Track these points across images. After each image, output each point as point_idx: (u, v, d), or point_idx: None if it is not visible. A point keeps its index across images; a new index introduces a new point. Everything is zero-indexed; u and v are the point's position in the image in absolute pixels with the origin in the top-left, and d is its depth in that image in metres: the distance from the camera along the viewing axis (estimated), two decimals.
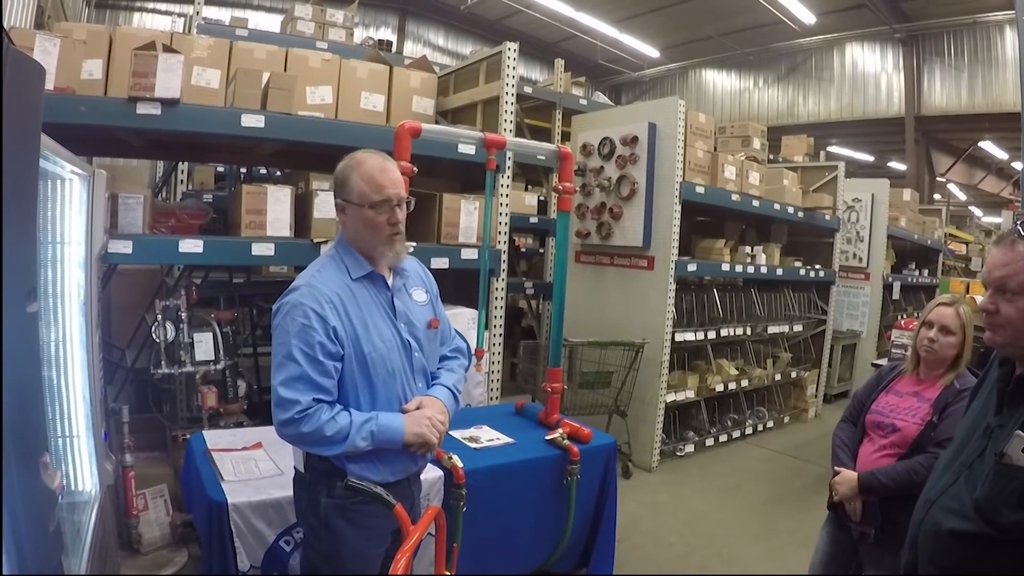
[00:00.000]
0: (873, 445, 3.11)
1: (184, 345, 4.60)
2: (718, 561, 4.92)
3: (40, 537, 1.88)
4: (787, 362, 8.67)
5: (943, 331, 3.01)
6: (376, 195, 2.44)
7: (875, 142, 21.79)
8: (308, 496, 2.52)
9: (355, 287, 2.49)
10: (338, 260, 2.52)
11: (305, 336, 2.32)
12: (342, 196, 2.51)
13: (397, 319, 2.57)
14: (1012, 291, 1.84)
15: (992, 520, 1.77)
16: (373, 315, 2.50)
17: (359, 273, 2.51)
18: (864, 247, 10.37)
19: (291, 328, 2.33)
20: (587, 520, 4.15)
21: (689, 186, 6.52)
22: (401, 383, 2.55)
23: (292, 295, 2.40)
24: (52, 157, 2.59)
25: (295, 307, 2.35)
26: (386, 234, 2.49)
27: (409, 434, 2.44)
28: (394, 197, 2.47)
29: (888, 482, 2.91)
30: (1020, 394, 1.86)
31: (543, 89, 9.05)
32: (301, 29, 8.77)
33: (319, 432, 2.29)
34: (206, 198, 6.96)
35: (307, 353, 2.31)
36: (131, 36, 4.51)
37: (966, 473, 1.92)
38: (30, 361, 1.96)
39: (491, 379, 5.31)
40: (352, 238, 2.54)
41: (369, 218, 2.46)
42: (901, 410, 3.06)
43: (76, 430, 3.21)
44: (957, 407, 2.84)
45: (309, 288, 2.40)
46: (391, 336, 2.53)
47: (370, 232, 2.49)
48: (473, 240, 5.16)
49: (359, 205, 2.45)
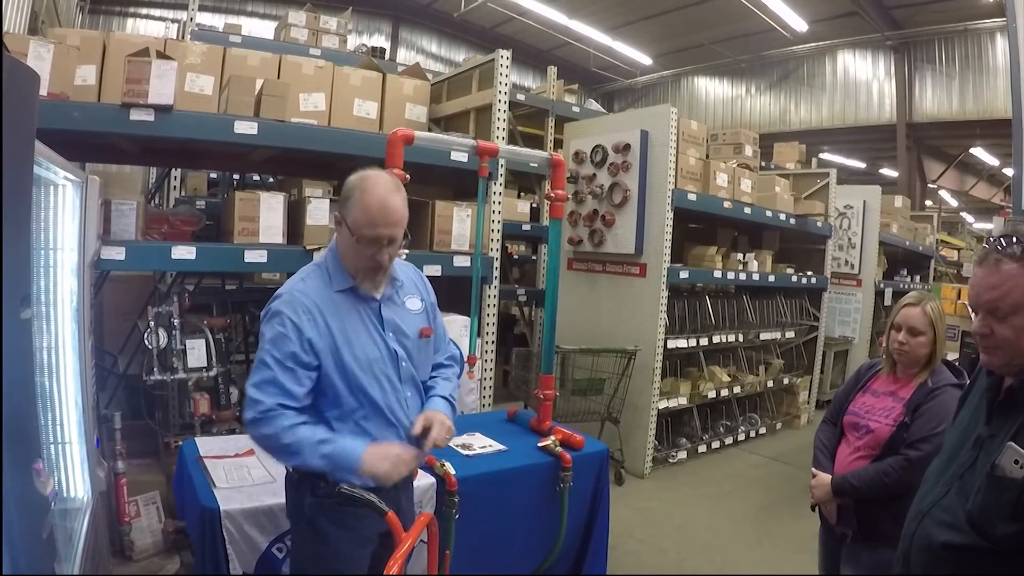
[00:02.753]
0: (849, 447, 3.13)
1: (177, 352, 4.60)
2: (711, 567, 4.92)
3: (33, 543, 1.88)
4: (779, 368, 8.69)
5: (911, 332, 3.01)
6: (367, 231, 2.37)
7: (867, 149, 21.90)
8: (295, 495, 2.56)
9: (337, 298, 2.48)
10: (323, 270, 2.53)
11: (280, 344, 2.36)
12: (341, 211, 2.46)
13: (385, 329, 2.55)
14: (1005, 312, 1.80)
15: (985, 532, 1.77)
16: (355, 326, 2.49)
17: (340, 286, 2.50)
18: (856, 254, 10.40)
19: (268, 334, 2.39)
20: (580, 527, 4.14)
21: (681, 193, 6.54)
22: (389, 392, 2.54)
23: (274, 302, 2.44)
24: (45, 163, 2.60)
25: (275, 315, 2.40)
26: (368, 267, 2.46)
27: (367, 466, 2.36)
28: (385, 238, 2.40)
29: (860, 485, 2.94)
30: (1010, 404, 1.85)
31: (536, 96, 9.07)
32: (295, 36, 8.78)
33: (276, 438, 2.31)
34: (199, 205, 6.95)
35: (278, 360, 2.34)
36: (125, 42, 4.50)
37: (957, 484, 1.91)
38: (23, 367, 1.96)
39: (484, 386, 5.31)
40: (341, 252, 2.53)
41: (355, 247, 2.42)
42: (876, 411, 3.07)
43: (69, 436, 3.21)
44: (929, 406, 2.87)
45: (290, 297, 2.42)
46: (374, 346, 2.51)
47: (353, 258, 2.47)
48: (466, 247, 5.17)
49: (351, 230, 2.40)
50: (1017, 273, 1.77)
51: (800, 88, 20.92)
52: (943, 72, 17.55)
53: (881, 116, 19.10)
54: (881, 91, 18.99)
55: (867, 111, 19.41)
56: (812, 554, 3.47)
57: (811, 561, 3.52)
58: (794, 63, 20.90)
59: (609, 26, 19.79)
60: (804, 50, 20.10)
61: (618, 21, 19.66)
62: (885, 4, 17.01)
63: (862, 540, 2.99)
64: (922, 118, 18.27)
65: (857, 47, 19.26)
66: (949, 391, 2.87)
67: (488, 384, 5.37)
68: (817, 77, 20.44)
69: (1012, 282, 1.78)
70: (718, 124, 21.38)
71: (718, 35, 19.92)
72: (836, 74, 20.00)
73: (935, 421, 2.80)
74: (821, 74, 20.34)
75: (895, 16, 17.44)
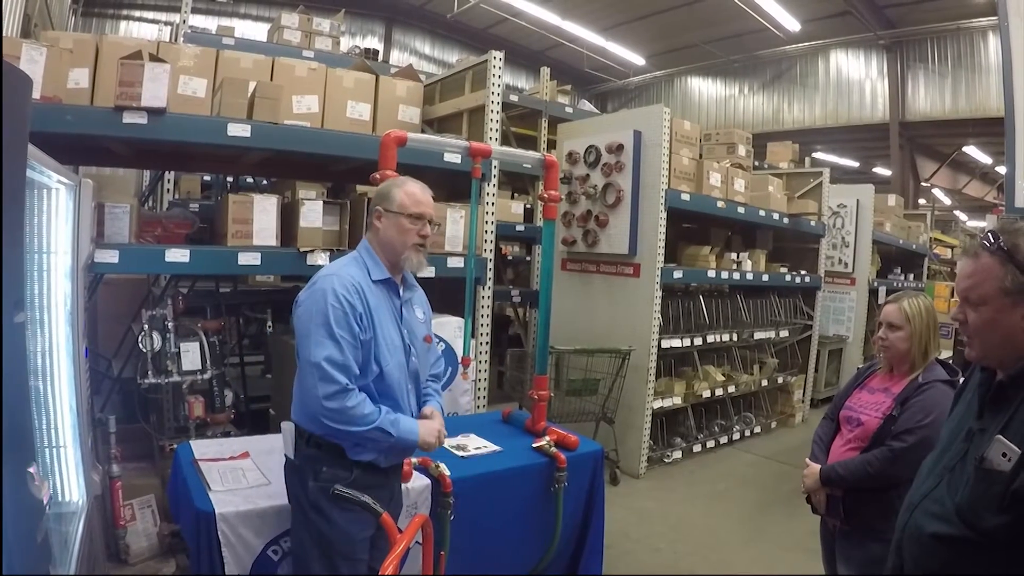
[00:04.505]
0: (842, 439, 3.20)
1: (171, 355, 4.59)
2: (706, 566, 4.93)
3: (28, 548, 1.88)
4: (774, 367, 8.71)
5: (890, 327, 3.13)
6: (415, 208, 2.83)
7: (860, 148, 21.95)
8: (298, 480, 2.77)
9: (373, 287, 2.78)
10: (360, 262, 2.84)
11: (341, 319, 2.61)
12: (383, 205, 2.86)
13: (403, 325, 2.88)
14: (974, 302, 1.88)
15: (973, 524, 1.79)
16: (385, 314, 2.80)
17: (378, 276, 2.82)
18: (849, 252, 10.43)
19: (326, 311, 2.61)
20: (575, 527, 4.15)
21: (674, 193, 6.56)
22: (402, 379, 2.84)
23: (322, 282, 2.69)
24: (38, 167, 2.59)
25: (328, 292, 2.63)
26: (414, 242, 2.84)
27: (422, 439, 2.80)
28: (428, 215, 2.87)
29: (845, 474, 3.01)
30: (1001, 399, 1.88)
31: (529, 97, 9.07)
32: (288, 38, 8.76)
33: (359, 408, 2.60)
34: (192, 207, 6.93)
35: (343, 336, 2.61)
36: (118, 45, 4.50)
37: (948, 477, 1.94)
38: (17, 371, 1.96)
39: (478, 387, 5.31)
40: (381, 243, 2.86)
41: (404, 226, 2.81)
42: (869, 405, 3.15)
43: (63, 440, 3.21)
44: (917, 399, 2.94)
45: (338, 277, 2.69)
46: (398, 336, 2.84)
47: (401, 237, 2.82)
48: (459, 248, 5.16)
49: (398, 213, 2.82)
50: (990, 266, 1.84)
51: (793, 88, 20.95)
52: (936, 71, 17.59)
53: (874, 115, 19.14)
54: (874, 90, 19.03)
55: (860, 110, 19.44)
56: (806, 552, 3.51)
57: (806, 559, 3.55)
58: (787, 63, 20.92)
59: (602, 27, 19.80)
60: (797, 50, 20.10)
61: (611, 22, 19.67)
62: (878, 3, 17.05)
63: (850, 532, 3.05)
64: (915, 117, 18.31)
65: (850, 46, 19.28)
66: (938, 387, 2.94)
67: (483, 385, 5.37)
68: (810, 76, 20.47)
69: (984, 273, 1.85)
70: (711, 124, 21.39)
71: (711, 35, 19.92)
72: (829, 73, 20.03)
73: (921, 414, 2.87)
74: (814, 73, 20.37)
75: (888, 15, 17.48)
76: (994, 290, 1.83)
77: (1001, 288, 1.81)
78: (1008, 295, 1.81)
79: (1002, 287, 1.81)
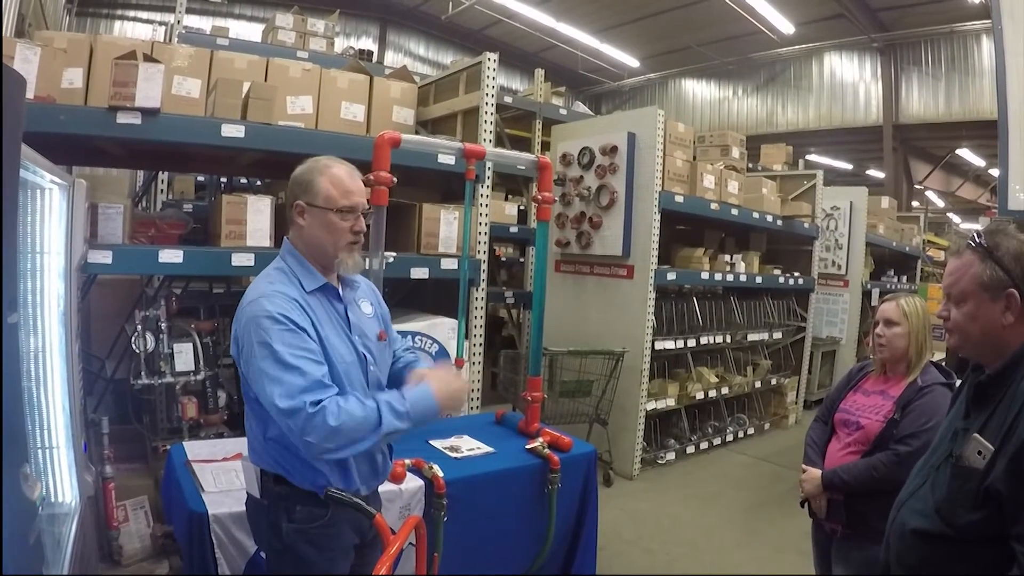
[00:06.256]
0: (839, 443, 3.19)
1: (164, 355, 4.58)
2: (699, 567, 4.94)
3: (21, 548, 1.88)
4: (767, 369, 8.72)
5: (887, 324, 3.14)
6: (344, 200, 2.37)
7: (853, 150, 22.02)
8: (268, 522, 2.41)
9: (310, 300, 2.36)
10: (288, 273, 2.40)
11: (289, 339, 2.19)
12: (304, 199, 2.38)
13: (352, 332, 2.47)
14: (956, 298, 1.95)
15: (950, 521, 1.84)
16: (330, 330, 2.38)
17: (312, 285, 2.39)
18: (843, 254, 10.47)
19: (266, 340, 2.18)
20: (568, 528, 4.15)
21: (668, 195, 6.57)
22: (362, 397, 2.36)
23: (250, 308, 2.26)
24: (32, 167, 2.59)
25: (261, 319, 2.21)
26: (347, 241, 2.40)
27: (444, 405, 2.35)
28: (360, 205, 2.42)
29: (849, 479, 2.99)
30: (983, 399, 1.93)
31: (523, 99, 9.08)
32: (282, 39, 8.77)
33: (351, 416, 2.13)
34: (186, 208, 6.92)
35: (297, 354, 2.17)
36: (112, 45, 4.48)
37: (933, 475, 1.99)
38: (10, 372, 1.96)
39: (471, 389, 5.31)
40: (308, 244, 2.41)
41: (333, 223, 2.36)
42: (866, 408, 3.15)
43: (56, 441, 3.20)
44: (919, 403, 2.94)
45: (267, 299, 2.25)
46: (347, 350, 2.41)
47: (332, 237, 2.38)
48: (453, 250, 5.17)
49: (324, 208, 2.35)
50: (971, 262, 1.91)
51: (787, 90, 21.02)
52: (929, 74, 17.66)
53: (868, 118, 19.21)
54: (868, 93, 19.10)
55: (854, 113, 19.51)
56: (800, 553, 3.51)
57: (799, 560, 3.56)
58: (781, 65, 20.99)
59: (597, 29, 19.85)
60: (791, 52, 20.16)
61: (606, 24, 19.71)
62: (871, 6, 17.10)
63: (851, 536, 3.04)
64: (908, 119, 18.38)
65: (844, 49, 19.35)
66: (938, 389, 2.95)
67: (476, 387, 5.37)
68: (804, 79, 20.53)
69: (963, 271, 1.92)
70: (705, 126, 21.47)
71: (705, 37, 19.98)
72: (823, 76, 20.10)
73: (924, 418, 2.87)
74: (808, 76, 20.44)
75: (881, 18, 17.54)
76: (974, 285, 1.89)
77: (980, 283, 1.88)
78: (987, 290, 1.87)
79: (981, 282, 1.87)
